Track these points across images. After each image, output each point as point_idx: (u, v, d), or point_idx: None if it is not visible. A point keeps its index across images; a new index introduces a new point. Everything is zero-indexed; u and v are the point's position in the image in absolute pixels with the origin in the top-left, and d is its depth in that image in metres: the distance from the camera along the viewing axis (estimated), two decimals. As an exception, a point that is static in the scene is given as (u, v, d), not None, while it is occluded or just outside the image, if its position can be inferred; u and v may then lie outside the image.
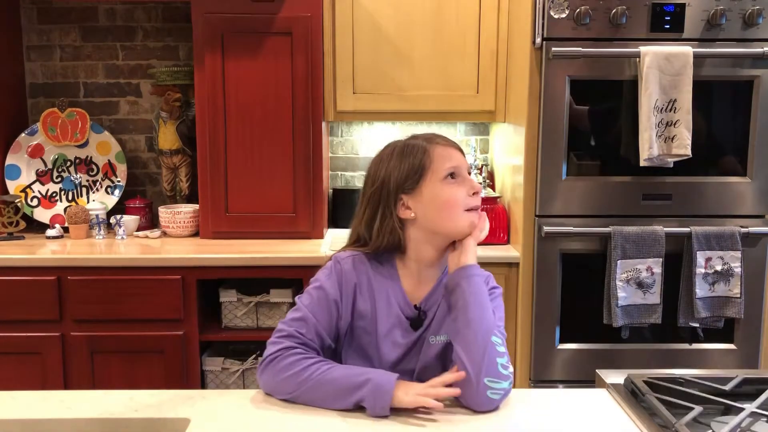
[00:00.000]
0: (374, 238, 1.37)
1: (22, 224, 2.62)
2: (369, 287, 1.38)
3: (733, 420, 1.13)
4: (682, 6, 2.18)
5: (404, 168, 1.36)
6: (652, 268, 2.23)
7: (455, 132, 2.95)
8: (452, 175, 1.35)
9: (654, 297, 2.24)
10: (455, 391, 1.22)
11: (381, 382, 1.21)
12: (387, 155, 1.39)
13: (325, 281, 1.37)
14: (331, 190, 2.89)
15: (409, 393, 1.20)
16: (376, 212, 1.37)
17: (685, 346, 2.33)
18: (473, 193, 1.36)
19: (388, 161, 1.38)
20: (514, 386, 1.31)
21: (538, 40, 2.21)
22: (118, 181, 2.76)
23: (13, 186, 2.69)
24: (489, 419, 1.22)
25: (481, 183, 2.57)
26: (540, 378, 2.33)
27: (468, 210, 1.35)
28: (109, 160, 2.76)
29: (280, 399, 1.27)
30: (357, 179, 2.97)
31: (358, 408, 1.24)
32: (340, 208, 2.84)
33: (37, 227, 2.67)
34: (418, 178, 1.35)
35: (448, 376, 1.23)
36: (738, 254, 2.24)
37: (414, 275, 1.40)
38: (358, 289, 1.38)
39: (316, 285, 1.38)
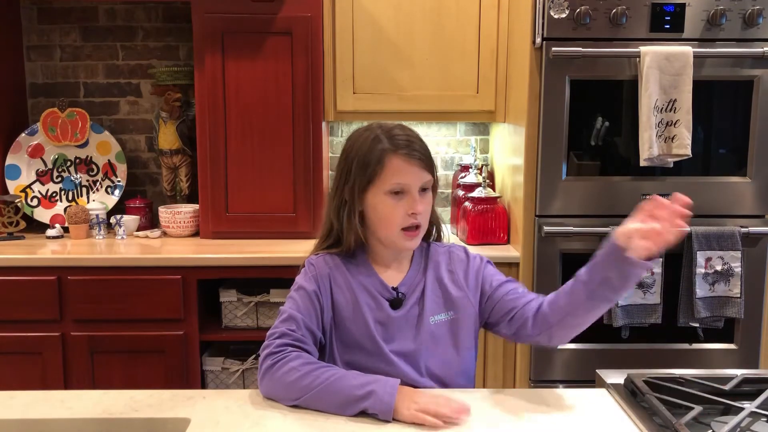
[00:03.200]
0: (345, 234, 1.41)
1: (22, 224, 2.62)
2: (345, 280, 1.41)
3: (733, 420, 1.13)
4: (682, 6, 2.18)
5: (361, 164, 1.37)
6: (652, 268, 2.22)
7: (455, 132, 2.95)
8: (397, 191, 1.35)
9: (654, 297, 2.24)
10: (456, 415, 1.19)
11: (383, 396, 1.20)
12: (363, 139, 1.38)
13: (302, 282, 1.41)
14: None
15: (410, 407, 1.19)
16: (343, 200, 1.40)
17: (685, 346, 2.33)
18: (411, 213, 1.35)
19: (360, 145, 1.38)
20: (513, 386, 1.33)
21: (538, 40, 2.21)
22: (118, 181, 2.76)
23: (13, 186, 2.69)
24: (489, 419, 1.22)
25: (481, 183, 2.57)
26: (540, 378, 2.33)
27: (405, 229, 1.37)
28: (109, 160, 2.76)
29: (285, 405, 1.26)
30: (357, 179, 2.96)
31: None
32: (340, 208, 2.84)
33: (37, 227, 2.67)
34: (367, 182, 1.36)
35: (456, 405, 1.20)
36: (738, 254, 2.24)
37: (385, 263, 1.44)
38: (333, 281, 1.40)
39: (295, 288, 1.41)
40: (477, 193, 2.54)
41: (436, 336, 1.41)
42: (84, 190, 2.76)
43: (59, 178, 2.74)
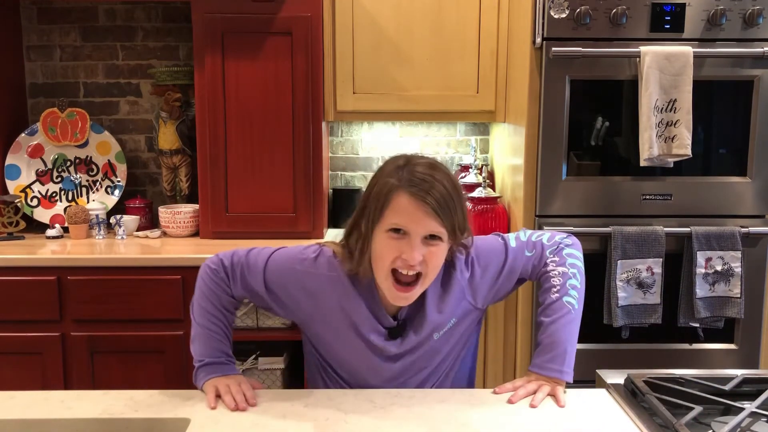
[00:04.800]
0: (356, 259, 1.32)
1: (22, 224, 2.62)
2: (345, 292, 1.35)
3: (733, 420, 1.12)
4: (683, 6, 2.18)
5: (374, 197, 1.28)
6: (652, 268, 2.22)
7: (455, 132, 2.95)
8: (396, 230, 1.25)
9: (654, 297, 2.24)
10: (237, 405, 1.26)
11: (199, 377, 1.37)
12: (385, 170, 1.30)
13: (295, 263, 1.40)
14: (331, 190, 2.89)
15: (211, 383, 1.33)
16: (360, 232, 1.32)
17: (685, 346, 2.33)
18: (404, 259, 1.24)
19: (379, 175, 1.31)
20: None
21: (538, 40, 2.21)
22: (118, 181, 2.76)
23: (13, 186, 2.69)
24: (490, 419, 1.22)
25: (481, 183, 2.57)
26: (540, 378, 2.32)
27: (395, 278, 1.27)
28: (109, 160, 2.76)
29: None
30: (357, 179, 2.97)
31: (359, 408, 1.24)
32: (340, 208, 2.84)
33: (37, 227, 2.67)
34: (376, 217, 1.27)
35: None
36: (738, 254, 2.24)
37: None
38: (336, 289, 1.36)
39: (288, 255, 1.41)
40: (477, 193, 2.54)
41: (436, 350, 1.39)
42: (84, 190, 2.76)
43: (59, 178, 2.74)
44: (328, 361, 1.43)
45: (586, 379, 1.58)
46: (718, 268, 2.24)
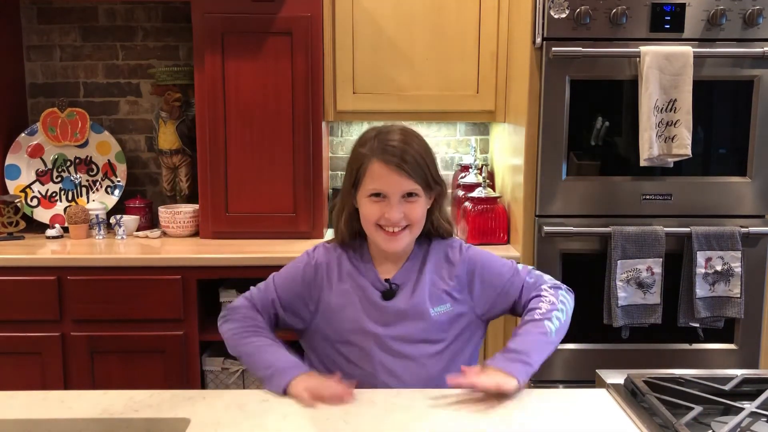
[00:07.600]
0: (335, 227, 1.49)
1: (22, 224, 2.62)
2: (339, 270, 1.46)
3: (733, 420, 1.12)
4: (682, 6, 2.18)
5: (350, 165, 1.44)
6: (652, 268, 2.23)
7: (455, 132, 2.95)
8: (376, 194, 1.39)
9: (654, 297, 2.24)
10: (339, 397, 1.26)
11: (278, 382, 1.30)
12: (360, 140, 1.44)
13: (296, 264, 1.51)
14: (331, 190, 2.89)
15: (299, 386, 1.27)
16: (342, 197, 1.48)
17: (685, 346, 2.33)
18: (387, 217, 1.38)
19: (355, 146, 1.45)
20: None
21: (538, 40, 2.21)
22: (118, 181, 2.76)
23: (13, 186, 2.69)
24: (490, 418, 1.22)
25: (481, 183, 2.57)
26: (540, 378, 2.32)
27: (383, 230, 1.40)
28: (109, 160, 2.76)
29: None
30: (357, 179, 2.97)
31: (359, 408, 1.24)
32: (340, 208, 2.84)
33: (36, 227, 2.67)
34: (354, 184, 1.42)
35: (337, 388, 1.28)
36: (738, 254, 2.24)
37: (384, 256, 1.47)
38: (331, 270, 1.47)
39: (287, 267, 1.52)
40: (477, 193, 2.54)
41: (441, 323, 1.43)
42: (84, 190, 2.76)
43: (59, 178, 2.74)
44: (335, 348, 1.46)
45: (586, 379, 1.59)
46: (718, 268, 2.24)
